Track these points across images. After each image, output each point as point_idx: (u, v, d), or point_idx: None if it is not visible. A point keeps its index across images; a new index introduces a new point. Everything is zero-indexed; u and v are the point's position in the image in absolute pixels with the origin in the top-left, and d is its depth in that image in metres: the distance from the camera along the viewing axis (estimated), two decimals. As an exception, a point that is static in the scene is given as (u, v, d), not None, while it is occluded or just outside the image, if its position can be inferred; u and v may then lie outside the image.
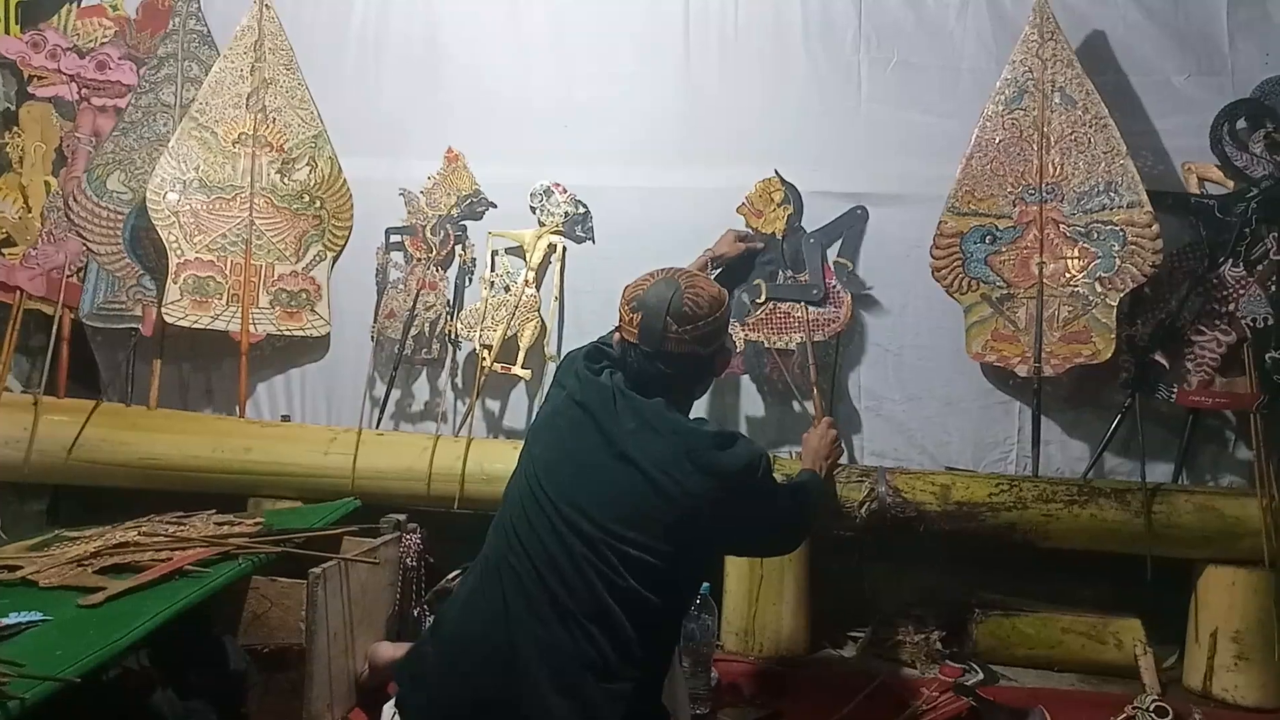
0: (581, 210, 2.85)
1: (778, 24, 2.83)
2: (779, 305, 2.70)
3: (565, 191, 2.83)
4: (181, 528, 2.15)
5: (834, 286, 2.69)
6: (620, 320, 1.75)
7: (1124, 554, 2.44)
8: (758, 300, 2.71)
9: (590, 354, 1.84)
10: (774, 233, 2.71)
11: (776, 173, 2.71)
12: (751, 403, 2.81)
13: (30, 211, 2.92)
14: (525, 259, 2.85)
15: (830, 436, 2.36)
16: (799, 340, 2.67)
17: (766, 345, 2.71)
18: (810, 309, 2.67)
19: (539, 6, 2.95)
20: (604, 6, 2.92)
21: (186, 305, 2.82)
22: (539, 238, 2.84)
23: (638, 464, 1.63)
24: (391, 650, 2.15)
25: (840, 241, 2.73)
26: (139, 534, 2.06)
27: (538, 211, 2.84)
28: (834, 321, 2.68)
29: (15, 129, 2.95)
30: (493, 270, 2.85)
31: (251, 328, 2.85)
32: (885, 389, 2.76)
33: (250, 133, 2.88)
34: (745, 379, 2.78)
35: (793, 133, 2.78)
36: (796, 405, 2.74)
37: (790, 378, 2.70)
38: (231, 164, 2.87)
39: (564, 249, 2.84)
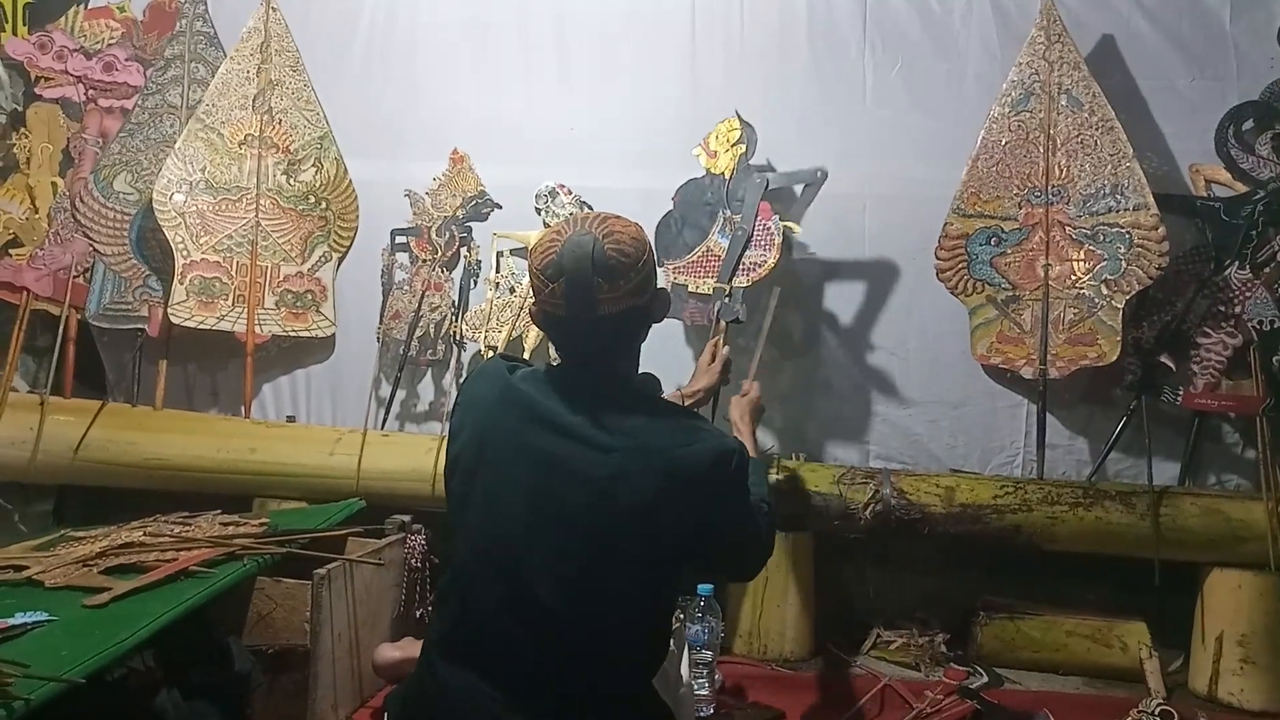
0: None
1: (782, 28, 2.82)
2: (711, 248, 2.54)
3: (570, 193, 2.83)
4: (186, 528, 2.15)
5: (766, 228, 2.49)
6: (536, 294, 1.49)
7: (1129, 557, 2.44)
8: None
9: (505, 361, 1.62)
10: (724, 174, 2.64)
11: (737, 114, 2.65)
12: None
13: (37, 212, 2.93)
14: (530, 260, 2.85)
15: (753, 400, 2.09)
16: (716, 285, 2.46)
17: (691, 290, 2.58)
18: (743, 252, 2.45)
19: (545, 8, 2.95)
20: (609, 10, 2.91)
21: (192, 306, 2.82)
22: (544, 239, 2.84)
23: (600, 488, 1.40)
24: (393, 652, 2.15)
25: (795, 199, 2.57)
26: (144, 534, 2.06)
27: (543, 213, 2.84)
28: (759, 266, 2.44)
29: (22, 130, 2.96)
30: (498, 271, 2.85)
31: (257, 328, 2.85)
32: (890, 391, 2.75)
33: (256, 134, 2.88)
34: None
35: (797, 136, 2.77)
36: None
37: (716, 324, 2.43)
38: (237, 165, 2.88)
39: (569, 251, 2.84)
